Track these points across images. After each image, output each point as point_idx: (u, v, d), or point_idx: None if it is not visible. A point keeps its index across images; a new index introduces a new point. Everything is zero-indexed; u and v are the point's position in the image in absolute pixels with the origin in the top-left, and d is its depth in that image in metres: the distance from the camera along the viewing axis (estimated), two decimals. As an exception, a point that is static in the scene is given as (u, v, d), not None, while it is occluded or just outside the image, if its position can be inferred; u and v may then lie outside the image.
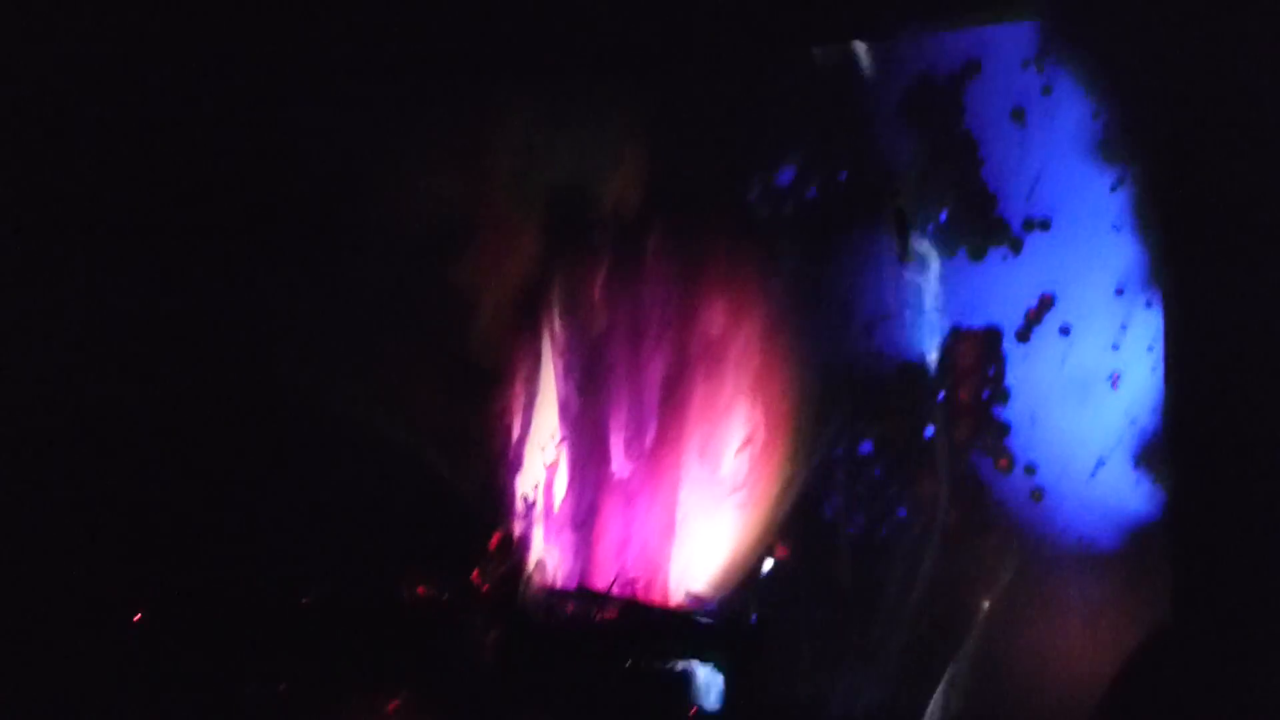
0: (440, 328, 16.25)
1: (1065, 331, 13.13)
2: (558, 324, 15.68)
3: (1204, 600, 11.50)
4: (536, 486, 15.51)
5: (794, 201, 14.55)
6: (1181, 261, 12.17)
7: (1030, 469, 13.21)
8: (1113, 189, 12.90)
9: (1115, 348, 12.80)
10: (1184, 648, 11.66)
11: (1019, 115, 13.42)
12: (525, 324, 15.95)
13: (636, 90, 15.60)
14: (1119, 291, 12.78)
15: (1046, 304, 13.26)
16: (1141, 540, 12.37)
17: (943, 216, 13.88)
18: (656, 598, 14.33)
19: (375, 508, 15.78)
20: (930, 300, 13.81)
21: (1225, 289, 11.57)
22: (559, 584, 14.87)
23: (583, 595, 14.05)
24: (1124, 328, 12.73)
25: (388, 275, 16.48)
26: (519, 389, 15.87)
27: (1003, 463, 13.35)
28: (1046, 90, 13.27)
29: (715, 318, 14.88)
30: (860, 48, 14.26)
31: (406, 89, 16.28)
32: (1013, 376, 13.46)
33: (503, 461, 15.78)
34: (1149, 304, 12.59)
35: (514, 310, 16.06)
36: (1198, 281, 11.88)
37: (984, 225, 13.63)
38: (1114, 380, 12.81)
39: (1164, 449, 12.32)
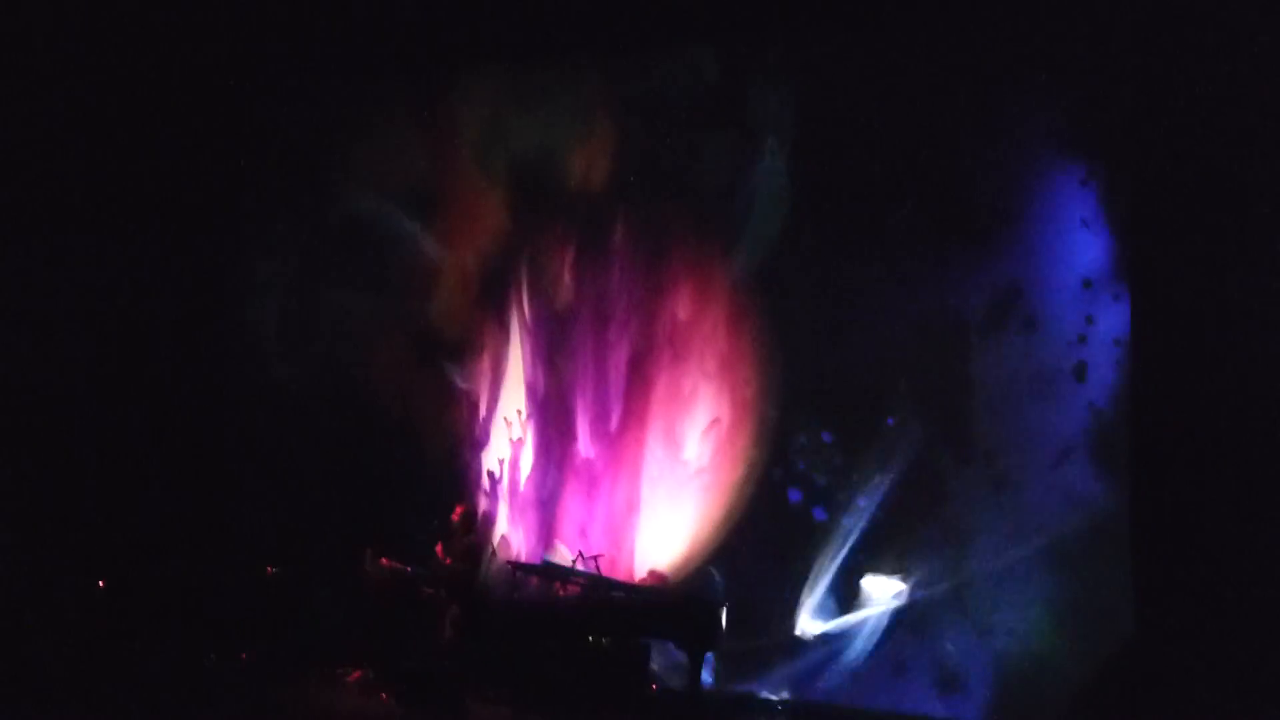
0: (404, 299, 16.29)
1: (1030, 323, 13.25)
2: (526, 304, 15.72)
3: (1165, 591, 11.66)
4: (501, 463, 15.55)
5: (765, 185, 14.63)
6: (1151, 255, 12.31)
7: (990, 457, 13.33)
8: (1081, 183, 13.03)
9: (1081, 340, 12.93)
10: (1145, 639, 11.84)
11: (989, 109, 13.53)
12: (491, 298, 16.01)
13: (605, 64, 15.69)
14: (1086, 284, 12.91)
15: (1012, 295, 13.38)
16: (1103, 531, 12.51)
17: (909, 207, 13.98)
18: (620, 575, 14.40)
19: (339, 480, 15.82)
20: (895, 289, 13.90)
21: (1194, 283, 11.72)
22: (523, 560, 14.93)
23: (546, 571, 14.06)
24: (1090, 320, 12.86)
25: (352, 245, 16.53)
26: (486, 365, 15.91)
27: (964, 452, 13.47)
28: (1017, 84, 13.39)
29: (682, 301, 14.94)
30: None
31: (373, 62, 16.31)
32: (975, 366, 13.56)
33: (468, 437, 15.82)
34: (1116, 297, 12.72)
35: (479, 283, 16.11)
36: (1167, 275, 12.03)
37: (950, 217, 13.73)
38: (1078, 372, 12.95)
39: (1127, 441, 12.46)
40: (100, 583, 13.98)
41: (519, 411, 15.61)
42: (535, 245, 15.76)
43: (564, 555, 14.56)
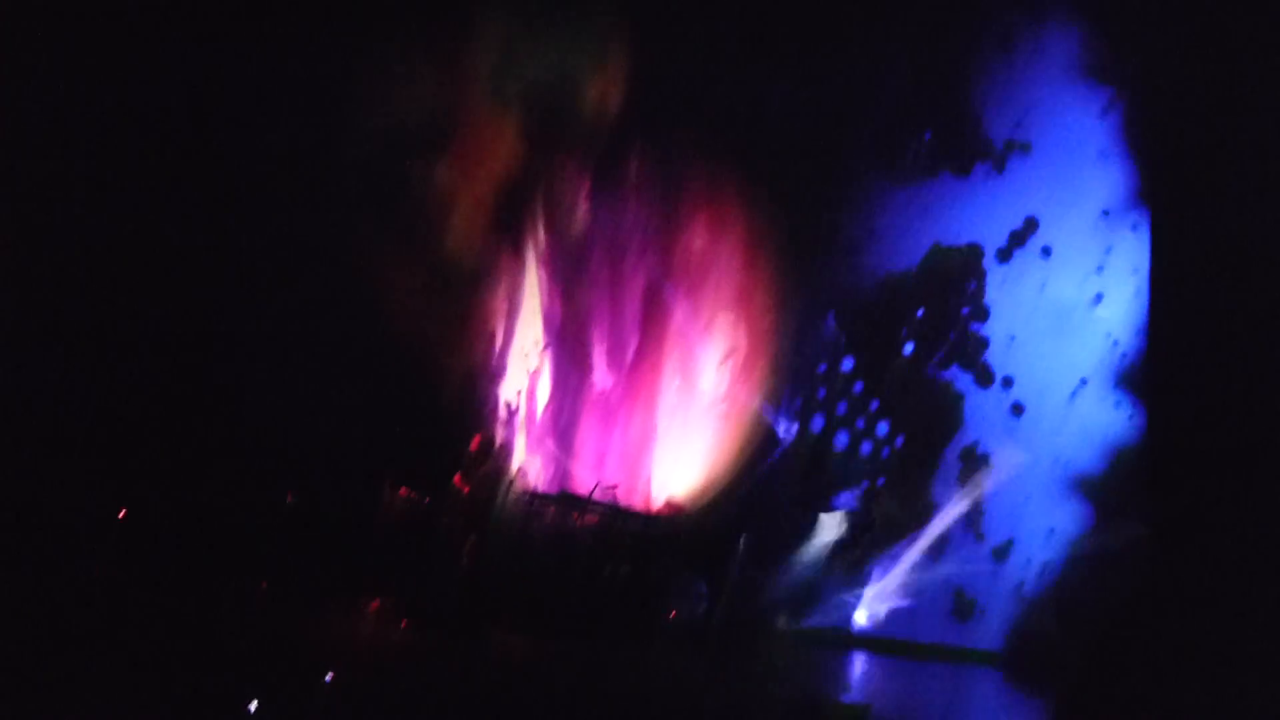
0: (418, 226, 16.21)
1: (1047, 252, 13.23)
2: (541, 234, 15.66)
3: (1182, 522, 11.66)
4: (519, 393, 15.55)
5: (781, 112, 14.54)
6: (1170, 185, 12.26)
7: (1008, 382, 13.34)
8: (1102, 113, 12.98)
9: (1099, 270, 12.91)
10: (1162, 569, 11.85)
11: (1007, 38, 13.44)
12: (505, 227, 15.94)
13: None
14: (1105, 214, 12.87)
15: (1030, 225, 13.35)
16: (1121, 462, 12.51)
17: (927, 135, 13.92)
18: (637, 505, 14.41)
19: (358, 410, 15.80)
20: (913, 217, 13.86)
21: (1213, 212, 11.67)
22: (540, 490, 14.93)
23: (563, 501, 14.07)
24: (1108, 250, 12.83)
25: (366, 172, 16.40)
26: (502, 296, 15.86)
27: (983, 375, 13.48)
28: (1036, 14, 13.30)
29: (699, 231, 14.88)
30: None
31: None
32: (993, 294, 13.56)
33: (485, 367, 15.80)
34: (1135, 227, 12.70)
35: (494, 211, 16.04)
36: (1186, 204, 11.98)
37: (968, 146, 13.68)
38: (1096, 302, 12.93)
39: (1145, 372, 12.46)
40: (121, 513, 13.99)
41: (536, 342, 15.59)
42: (550, 174, 15.67)
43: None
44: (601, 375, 15.26)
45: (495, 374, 15.81)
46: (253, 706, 6.60)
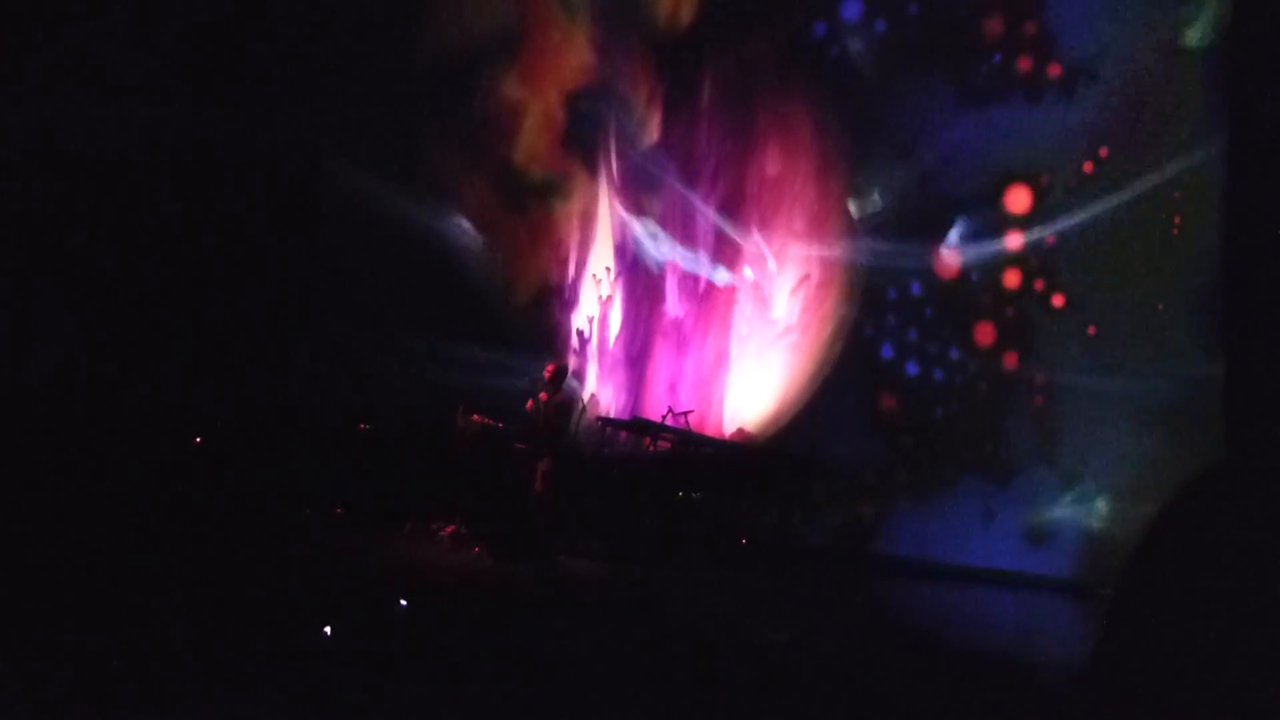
0: (489, 136, 16.17)
1: (1120, 180, 13.09)
2: (615, 163, 15.64)
3: (1258, 458, 11.53)
4: (591, 320, 15.61)
5: (859, 37, 14.46)
6: (1250, 110, 12.03)
7: (1080, 309, 13.23)
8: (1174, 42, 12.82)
9: (1175, 195, 12.77)
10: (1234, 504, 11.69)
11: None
12: (576, 143, 15.93)
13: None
14: (1179, 142, 12.72)
15: (1100, 149, 13.22)
16: (1196, 393, 12.36)
17: (997, 58, 13.81)
18: (709, 431, 14.46)
19: (430, 335, 15.86)
20: (985, 144, 13.77)
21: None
22: (612, 412, 15.02)
23: (636, 427, 14.11)
24: (1183, 177, 12.68)
25: (434, 80, 16.39)
26: (574, 220, 15.87)
27: (1055, 302, 13.38)
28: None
29: (772, 155, 14.83)
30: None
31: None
32: (1064, 220, 13.44)
33: (559, 294, 15.86)
34: (1212, 158, 12.51)
35: (564, 126, 16.00)
36: (1265, 128, 11.76)
37: (1040, 72, 13.56)
38: (1171, 229, 12.79)
39: (1223, 303, 12.27)
40: (198, 439, 14.16)
41: (607, 269, 15.62)
42: (620, 88, 15.61)
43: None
44: (673, 304, 15.29)
45: (569, 301, 15.88)
46: (327, 631, 6.69)
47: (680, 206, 15.25)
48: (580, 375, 15.52)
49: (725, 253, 15.01)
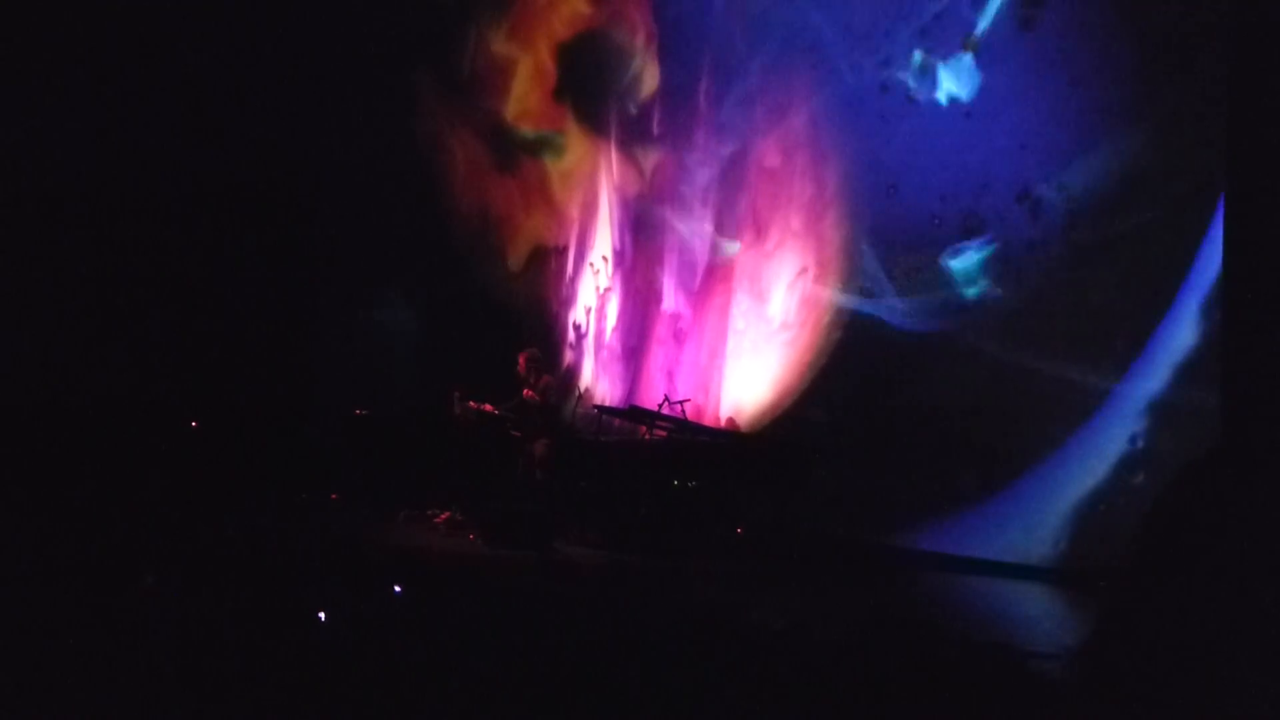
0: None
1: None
2: (615, 159, 15.57)
3: (1256, 435, 11.50)
4: (588, 311, 15.57)
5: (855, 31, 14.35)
6: (1246, 87, 11.86)
7: (1076, 299, 13.08)
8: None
9: (1171, 188, 12.63)
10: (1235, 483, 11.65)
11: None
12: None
13: None
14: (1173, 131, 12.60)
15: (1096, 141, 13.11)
16: (1195, 376, 12.26)
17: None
18: (705, 420, 14.44)
19: (426, 320, 15.81)
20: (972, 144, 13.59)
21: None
22: (608, 403, 14.99)
23: (631, 414, 14.08)
24: (1180, 169, 12.54)
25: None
26: (574, 217, 15.82)
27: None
28: None
29: (770, 150, 14.71)
30: None
31: None
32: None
33: (557, 284, 15.83)
34: (1208, 144, 12.38)
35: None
36: (1263, 106, 11.58)
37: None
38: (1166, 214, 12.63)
39: (1222, 286, 12.17)
40: (193, 423, 14.15)
41: (605, 259, 15.58)
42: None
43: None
44: (670, 299, 15.25)
45: (566, 299, 15.86)
46: (321, 617, 6.67)
47: (679, 201, 15.18)
48: (577, 363, 15.57)
49: (723, 244, 14.95)
